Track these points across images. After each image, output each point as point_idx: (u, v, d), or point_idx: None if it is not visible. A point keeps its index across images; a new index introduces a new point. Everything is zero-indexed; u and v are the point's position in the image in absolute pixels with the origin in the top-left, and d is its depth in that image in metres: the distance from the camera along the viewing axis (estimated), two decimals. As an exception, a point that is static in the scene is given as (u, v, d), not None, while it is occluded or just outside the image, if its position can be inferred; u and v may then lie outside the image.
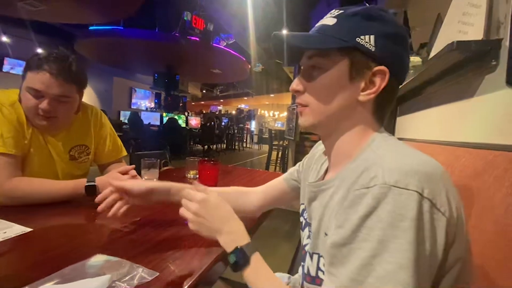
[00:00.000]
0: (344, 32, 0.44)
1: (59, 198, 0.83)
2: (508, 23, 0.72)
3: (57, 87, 0.86)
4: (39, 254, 0.56)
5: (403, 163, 0.36)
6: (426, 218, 0.33)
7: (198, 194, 0.58)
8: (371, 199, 0.34)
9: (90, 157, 1.11)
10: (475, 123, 0.84)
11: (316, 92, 0.48)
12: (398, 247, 0.32)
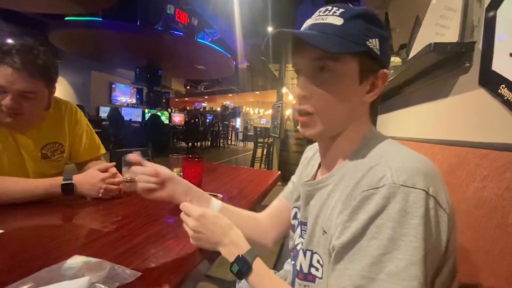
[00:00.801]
0: (355, 35, 0.44)
1: (33, 198, 0.79)
2: (481, 26, 0.76)
3: (21, 83, 0.80)
4: (11, 257, 0.53)
5: (408, 163, 0.38)
6: (432, 215, 0.35)
7: (195, 209, 0.57)
8: (380, 198, 0.35)
9: (64, 156, 1.05)
10: (450, 121, 0.88)
11: (327, 97, 0.46)
12: (408, 244, 0.33)
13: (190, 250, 0.60)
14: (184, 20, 5.81)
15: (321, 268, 0.46)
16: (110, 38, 6.44)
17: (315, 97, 0.46)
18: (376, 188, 0.36)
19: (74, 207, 0.82)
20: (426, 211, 0.34)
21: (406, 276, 0.32)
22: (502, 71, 0.64)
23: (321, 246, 0.46)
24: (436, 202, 0.35)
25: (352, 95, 0.46)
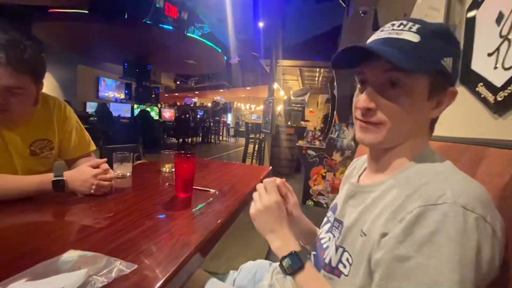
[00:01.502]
0: (431, 53, 0.44)
1: (24, 194, 0.78)
2: (462, 27, 0.79)
3: (6, 78, 0.78)
4: (3, 254, 0.53)
5: (468, 187, 0.39)
6: (487, 242, 0.36)
7: (276, 194, 0.59)
8: (440, 215, 0.36)
9: (54, 152, 1.04)
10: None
11: (396, 110, 0.46)
12: (463, 264, 0.34)
13: (184, 244, 0.61)
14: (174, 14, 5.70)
15: (349, 266, 0.48)
16: (96, 32, 6.25)
17: (383, 110, 0.47)
18: (434, 204, 0.36)
19: (66, 204, 0.81)
20: (483, 236, 0.35)
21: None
22: (480, 70, 0.68)
23: (356, 246, 0.47)
24: (493, 231, 0.36)
25: (419, 110, 0.47)
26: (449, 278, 0.34)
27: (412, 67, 0.42)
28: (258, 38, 5.47)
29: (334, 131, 3.01)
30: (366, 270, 0.43)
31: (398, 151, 0.49)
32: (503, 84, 0.58)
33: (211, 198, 0.94)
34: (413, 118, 0.47)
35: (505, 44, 0.60)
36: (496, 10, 0.64)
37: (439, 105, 0.47)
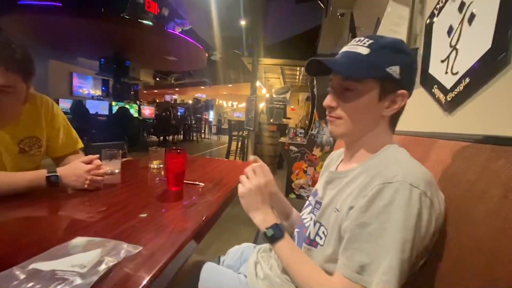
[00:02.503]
0: (377, 63, 0.54)
1: (18, 190, 0.80)
2: (422, 35, 0.91)
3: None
4: (9, 244, 0.56)
5: (417, 170, 0.49)
6: (426, 212, 0.46)
7: (266, 176, 0.68)
8: (393, 190, 0.46)
9: (42, 150, 1.05)
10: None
11: (349, 110, 0.58)
12: (407, 226, 0.44)
13: (181, 230, 0.67)
14: (155, 10, 5.58)
15: (324, 238, 0.58)
16: (70, 26, 5.97)
17: (341, 108, 0.59)
18: (390, 182, 0.47)
19: (60, 199, 0.84)
20: (423, 207, 0.45)
21: (402, 245, 0.44)
22: (435, 74, 0.79)
23: (330, 221, 0.57)
24: (431, 203, 0.46)
25: (371, 109, 0.57)
26: (395, 236, 0.44)
27: (358, 75, 0.55)
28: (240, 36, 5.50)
29: (314, 128, 3.15)
30: (336, 238, 0.54)
31: (363, 143, 0.61)
32: (451, 86, 0.70)
33: (201, 190, 1.00)
34: (367, 115, 0.58)
35: (453, 52, 0.71)
36: (447, 23, 0.76)
37: (393, 105, 0.57)
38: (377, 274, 0.44)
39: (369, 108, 0.57)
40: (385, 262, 0.44)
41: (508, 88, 0.52)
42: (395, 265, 0.43)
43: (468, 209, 0.47)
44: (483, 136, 0.51)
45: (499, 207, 0.40)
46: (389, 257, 0.44)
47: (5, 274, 0.43)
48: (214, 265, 0.76)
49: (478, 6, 0.63)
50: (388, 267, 0.43)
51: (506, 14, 0.54)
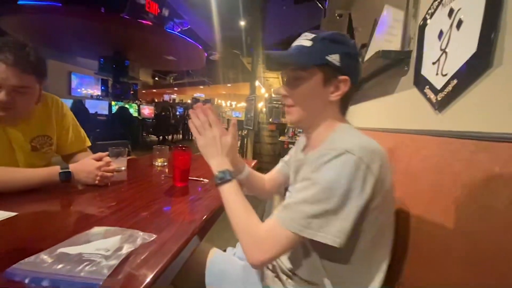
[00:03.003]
0: (318, 52, 0.62)
1: (33, 186, 0.84)
2: (415, 38, 0.96)
3: (14, 78, 0.84)
4: (35, 232, 0.61)
5: (356, 140, 0.54)
6: (361, 174, 0.50)
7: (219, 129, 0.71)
8: (334, 156, 0.51)
9: (52, 148, 1.09)
10: (394, 113, 1.10)
11: (299, 96, 0.65)
12: (336, 182, 0.50)
13: (190, 221, 0.72)
14: (155, 10, 5.61)
15: None
16: (70, 26, 5.98)
17: (291, 96, 0.67)
18: (334, 150, 0.52)
19: (72, 194, 0.89)
20: (357, 170, 0.50)
21: (327, 201, 0.50)
22: (427, 75, 0.84)
23: (294, 188, 0.62)
24: (367, 167, 0.50)
25: (318, 95, 0.65)
26: (322, 188, 0.50)
27: (302, 63, 0.63)
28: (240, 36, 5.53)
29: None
30: None
31: (317, 128, 0.67)
32: (441, 87, 0.75)
33: (205, 186, 1.05)
34: (315, 101, 0.65)
35: (443, 55, 0.76)
36: (438, 28, 0.81)
37: (337, 90, 0.64)
38: (295, 218, 0.51)
39: (316, 94, 0.64)
40: (307, 209, 0.50)
41: (491, 89, 0.57)
42: (311, 213, 0.50)
43: (454, 198, 0.52)
44: (468, 132, 0.56)
45: (480, 195, 0.45)
46: (309, 206, 0.50)
47: (33, 259, 0.48)
48: (221, 253, 0.80)
49: (465, 13, 0.68)
50: (307, 214, 0.50)
51: (490, 21, 0.59)
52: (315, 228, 0.50)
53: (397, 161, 0.80)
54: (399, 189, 0.74)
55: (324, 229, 0.50)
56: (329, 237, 0.50)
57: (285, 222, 0.52)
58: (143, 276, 0.46)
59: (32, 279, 0.43)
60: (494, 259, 0.39)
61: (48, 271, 0.44)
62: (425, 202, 0.61)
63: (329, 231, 0.50)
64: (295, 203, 0.53)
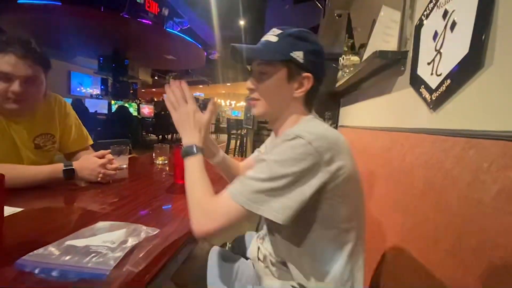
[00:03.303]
0: (283, 48, 0.63)
1: (38, 182, 0.86)
2: (412, 39, 0.98)
3: (25, 69, 0.87)
4: (42, 227, 0.63)
5: (310, 128, 0.56)
6: (309, 157, 0.52)
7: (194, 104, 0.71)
8: (287, 140, 0.54)
9: (55, 146, 1.11)
10: (390, 112, 1.12)
11: (265, 90, 0.67)
12: (286, 163, 0.52)
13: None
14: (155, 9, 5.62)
15: None
16: (70, 25, 5.98)
17: (257, 90, 0.68)
18: (288, 135, 0.55)
19: (75, 191, 0.91)
20: (305, 153, 0.52)
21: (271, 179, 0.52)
22: (422, 75, 0.86)
23: None
24: (316, 151, 0.52)
25: (282, 90, 0.66)
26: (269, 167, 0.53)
27: (265, 58, 0.65)
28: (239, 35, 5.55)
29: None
30: None
31: (282, 123, 0.69)
32: (436, 87, 0.77)
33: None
34: (279, 96, 0.67)
35: (438, 56, 0.78)
36: (433, 29, 0.83)
37: (301, 87, 0.66)
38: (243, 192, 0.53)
39: (280, 89, 0.66)
40: (255, 185, 0.53)
41: (481, 89, 0.59)
42: (258, 189, 0.52)
43: (445, 193, 0.54)
44: (459, 130, 0.58)
45: (469, 190, 0.47)
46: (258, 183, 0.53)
47: (42, 251, 0.50)
48: (221, 249, 0.82)
49: (459, 15, 0.70)
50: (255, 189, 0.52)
51: (481, 23, 0.61)
52: (259, 203, 0.52)
53: (392, 158, 0.83)
54: (393, 186, 0.76)
55: (268, 204, 0.52)
56: (272, 213, 0.52)
57: (234, 196, 0.54)
58: (147, 267, 0.48)
59: (41, 270, 0.45)
60: (480, 250, 0.41)
61: (57, 262, 0.46)
62: (417, 197, 0.63)
63: (272, 207, 0.52)
64: (246, 179, 0.55)
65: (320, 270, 0.60)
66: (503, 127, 0.49)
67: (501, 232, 0.38)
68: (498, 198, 0.39)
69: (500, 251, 0.37)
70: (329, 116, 2.38)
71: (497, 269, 0.38)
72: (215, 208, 0.56)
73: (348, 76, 1.55)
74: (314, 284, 0.60)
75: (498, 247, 0.37)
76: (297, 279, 0.63)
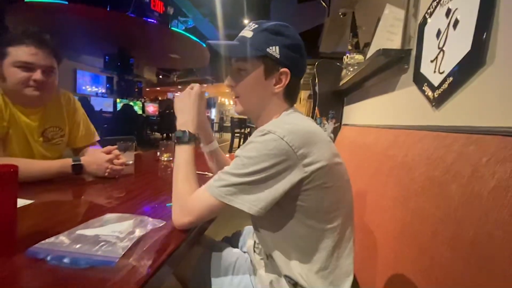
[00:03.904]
0: (258, 44, 0.62)
1: (47, 176, 0.89)
2: (415, 37, 0.99)
3: (44, 58, 0.93)
4: (52, 217, 0.65)
5: (284, 124, 0.56)
6: (282, 152, 0.52)
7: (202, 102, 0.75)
8: (258, 136, 0.55)
9: (64, 140, 1.14)
10: (394, 110, 1.12)
11: (243, 87, 0.66)
12: (258, 157, 0.53)
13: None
14: (160, 8, 5.66)
15: None
16: (76, 24, 6.05)
17: (237, 87, 0.67)
18: (261, 131, 0.55)
19: (83, 185, 0.93)
20: (278, 148, 0.52)
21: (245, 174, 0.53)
22: (425, 73, 0.87)
23: None
24: (289, 146, 0.52)
25: (260, 86, 0.65)
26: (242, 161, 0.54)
27: (242, 55, 0.63)
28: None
29: (316, 124, 3.22)
30: None
31: (264, 119, 0.68)
32: (438, 84, 0.77)
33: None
34: (259, 92, 0.66)
35: (441, 54, 0.79)
36: (436, 27, 0.83)
37: (279, 82, 0.65)
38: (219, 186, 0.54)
39: (259, 85, 0.65)
40: (230, 179, 0.54)
41: (483, 86, 0.60)
42: (232, 182, 0.54)
43: (445, 187, 0.55)
44: (460, 126, 0.59)
45: (468, 184, 0.48)
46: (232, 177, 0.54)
47: (53, 239, 0.52)
48: (223, 244, 0.84)
49: (461, 13, 0.71)
50: (229, 182, 0.54)
51: (483, 21, 0.61)
52: (234, 195, 0.54)
53: (393, 155, 0.84)
54: (394, 181, 0.77)
55: (242, 197, 0.53)
56: (246, 205, 0.53)
57: (210, 189, 0.56)
58: (153, 256, 0.50)
59: (53, 257, 0.47)
60: (477, 242, 0.42)
61: (68, 250, 0.48)
62: (418, 192, 0.64)
63: (245, 199, 0.53)
64: (222, 173, 0.57)
65: (304, 261, 0.60)
66: (504, 123, 0.50)
67: (498, 224, 0.39)
68: (495, 191, 0.40)
69: (496, 243, 0.38)
70: (333, 114, 2.38)
71: (494, 261, 0.39)
72: (191, 201, 0.59)
73: (352, 74, 1.55)
74: (301, 276, 0.60)
75: (495, 239, 0.38)
76: (284, 271, 0.63)
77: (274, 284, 0.65)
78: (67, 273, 0.44)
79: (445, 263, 0.47)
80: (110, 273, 0.44)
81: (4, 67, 0.89)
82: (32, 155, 1.01)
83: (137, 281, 0.42)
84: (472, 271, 0.41)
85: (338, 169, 0.59)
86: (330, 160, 0.56)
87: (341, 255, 0.61)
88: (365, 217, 0.93)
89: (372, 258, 0.81)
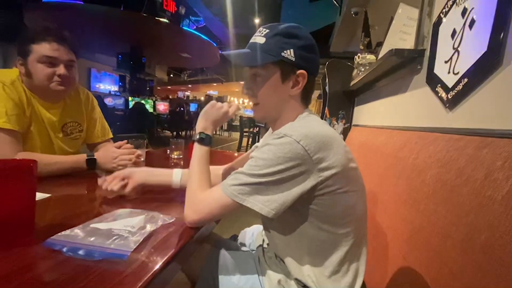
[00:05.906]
0: (272, 49, 0.62)
1: (64, 171, 0.92)
2: (429, 37, 0.97)
3: (66, 54, 0.97)
4: (67, 211, 0.68)
5: (300, 127, 0.56)
6: (298, 156, 0.52)
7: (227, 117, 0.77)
8: (276, 138, 0.55)
9: (82, 135, 1.18)
10: (406, 111, 1.10)
11: (262, 94, 0.66)
12: (273, 159, 0.53)
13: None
14: (172, 8, 5.74)
15: None
16: (91, 23, 6.21)
17: (254, 95, 0.68)
18: (278, 134, 0.56)
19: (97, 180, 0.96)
20: (293, 152, 0.52)
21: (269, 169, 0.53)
22: (439, 73, 0.85)
23: None
24: (305, 150, 0.52)
25: (278, 91, 0.65)
26: (257, 163, 0.55)
27: (257, 63, 0.63)
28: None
29: (326, 125, 3.19)
30: None
31: (281, 123, 0.67)
32: (452, 85, 0.76)
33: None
34: (276, 97, 0.66)
35: (455, 54, 0.77)
36: (452, 27, 0.81)
37: (297, 84, 0.65)
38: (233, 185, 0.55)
39: (276, 90, 0.65)
40: (244, 178, 0.54)
41: (499, 88, 0.58)
42: (246, 182, 0.54)
43: (457, 191, 0.54)
44: (475, 129, 0.58)
45: (481, 187, 0.47)
46: (246, 177, 0.54)
47: (68, 232, 0.54)
48: (232, 242, 0.86)
49: (478, 13, 0.69)
50: (242, 182, 0.54)
51: (500, 21, 0.60)
52: (246, 195, 0.54)
53: (404, 157, 0.82)
54: (405, 184, 0.76)
55: (254, 197, 0.54)
56: (258, 205, 0.53)
57: (224, 187, 0.57)
58: (163, 252, 0.51)
59: (69, 249, 0.49)
60: (489, 247, 0.41)
61: (83, 242, 0.50)
62: (429, 195, 0.63)
63: (258, 199, 0.53)
64: (237, 173, 0.57)
65: (316, 264, 0.60)
66: (520, 126, 0.49)
67: (511, 229, 0.38)
68: (509, 196, 0.39)
69: (509, 248, 0.37)
70: (343, 115, 2.36)
71: (506, 266, 0.38)
72: (205, 198, 0.59)
73: (363, 74, 1.53)
74: (311, 279, 0.60)
75: (507, 244, 0.38)
76: (293, 273, 0.63)
77: (282, 283, 0.65)
78: (81, 264, 0.45)
79: (455, 268, 0.46)
80: (122, 266, 0.46)
81: (30, 64, 0.93)
82: (53, 149, 1.05)
83: (148, 275, 0.43)
84: (484, 277, 0.41)
85: (353, 174, 0.59)
86: (345, 165, 0.56)
87: (354, 259, 0.61)
88: (375, 219, 0.92)
89: (381, 260, 0.80)
